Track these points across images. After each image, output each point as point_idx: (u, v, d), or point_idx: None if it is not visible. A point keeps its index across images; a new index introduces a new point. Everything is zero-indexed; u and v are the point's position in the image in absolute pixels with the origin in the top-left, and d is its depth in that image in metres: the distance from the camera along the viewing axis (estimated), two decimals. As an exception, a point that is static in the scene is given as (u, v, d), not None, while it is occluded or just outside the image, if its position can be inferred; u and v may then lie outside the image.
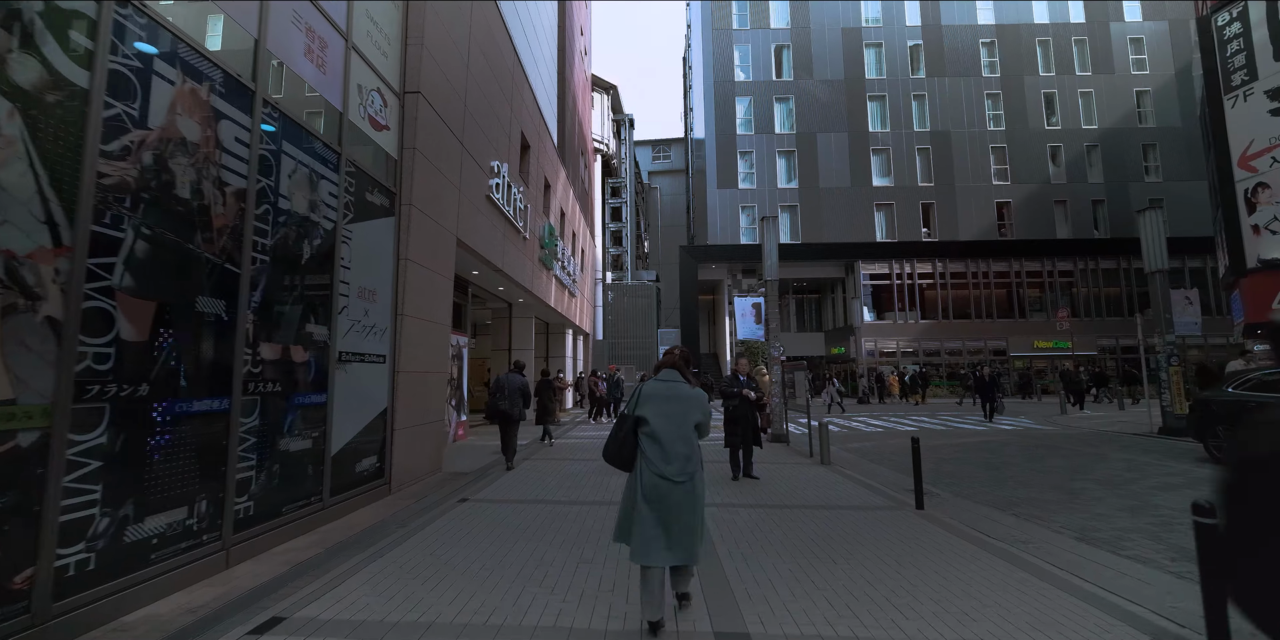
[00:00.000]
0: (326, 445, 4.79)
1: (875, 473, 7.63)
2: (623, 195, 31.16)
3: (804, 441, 10.18)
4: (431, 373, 6.99)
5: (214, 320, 3.58)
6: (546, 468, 7.76)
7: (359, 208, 5.48)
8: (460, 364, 10.77)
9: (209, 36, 3.75)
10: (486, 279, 11.05)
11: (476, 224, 8.75)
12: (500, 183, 9.66)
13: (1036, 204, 28.34)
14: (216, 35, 3.84)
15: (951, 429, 12.97)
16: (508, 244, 10.54)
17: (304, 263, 4.56)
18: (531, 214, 12.40)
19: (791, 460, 8.63)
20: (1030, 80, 29.01)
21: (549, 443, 9.91)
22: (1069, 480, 6.94)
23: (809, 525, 4.82)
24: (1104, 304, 27.53)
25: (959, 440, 10.89)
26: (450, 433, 10.19)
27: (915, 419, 15.51)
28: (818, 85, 29.24)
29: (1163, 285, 11.50)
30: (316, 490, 4.67)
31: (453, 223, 7.67)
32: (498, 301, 14.02)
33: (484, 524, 4.82)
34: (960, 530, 4.66)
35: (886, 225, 28.64)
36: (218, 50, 3.70)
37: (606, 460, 2.98)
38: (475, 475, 7.16)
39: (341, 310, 5.09)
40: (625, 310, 28.82)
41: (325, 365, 4.83)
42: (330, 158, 4.99)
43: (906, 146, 28.76)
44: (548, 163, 14.50)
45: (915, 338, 27.40)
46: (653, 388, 2.99)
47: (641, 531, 2.75)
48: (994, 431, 12.37)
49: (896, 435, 11.95)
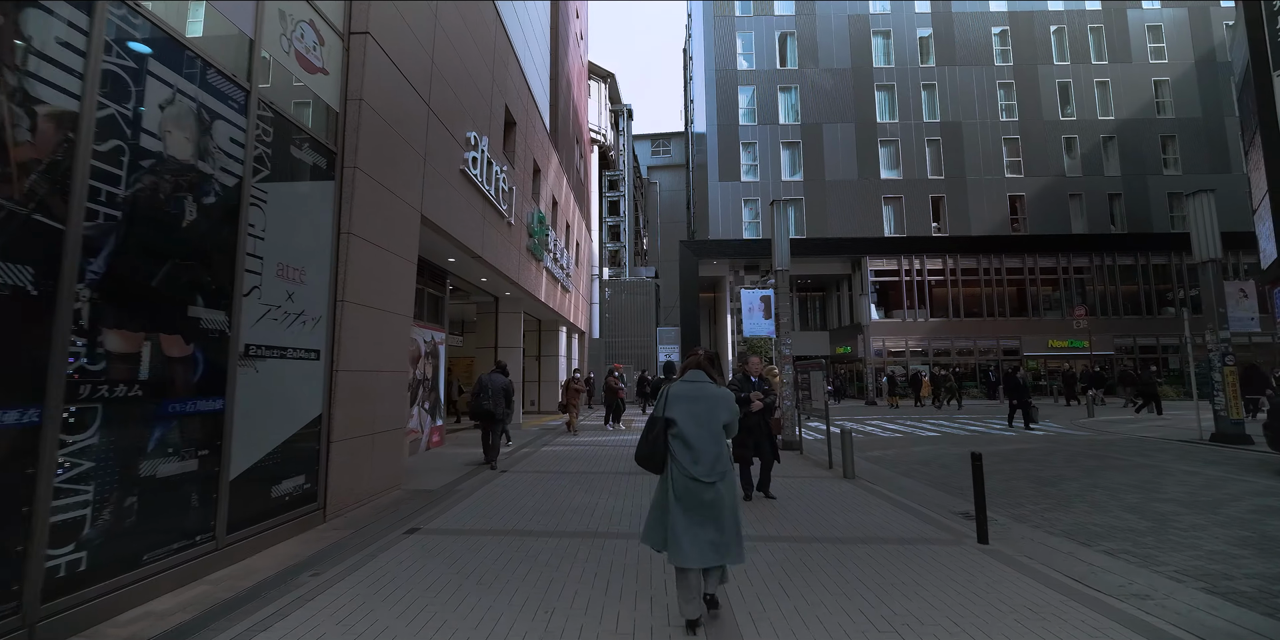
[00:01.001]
0: (222, 466, 3.68)
1: (909, 489, 6.52)
2: (620, 188, 30.05)
3: (820, 449, 9.08)
4: (386, 372, 5.88)
5: (10, 296, 2.47)
6: (524, 482, 6.64)
7: (280, 164, 4.36)
8: (436, 362, 9.67)
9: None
10: (466, 268, 9.94)
11: (448, 201, 7.64)
12: (479, 157, 8.55)
13: (1051, 198, 27.25)
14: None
15: (976, 435, 11.86)
16: (489, 228, 9.43)
17: (186, 225, 3.45)
18: (518, 198, 11.30)
19: (808, 472, 7.53)
20: (1044, 70, 27.93)
21: (508, 444, 8.79)
22: (1146, 500, 5.83)
23: (849, 569, 3.71)
24: (1121, 302, 26.43)
25: (992, 448, 9.79)
26: (423, 440, 9.08)
27: (935, 423, 14.41)
28: (823, 74, 28.14)
29: (1216, 277, 10.39)
30: (204, 526, 3.55)
31: (415, 196, 6.56)
32: (482, 295, 12.91)
33: (429, 567, 3.71)
34: (1047, 577, 3.56)
35: (895, 220, 27.55)
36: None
37: (639, 462, 2.95)
38: (440, 493, 6.04)
39: (250, 291, 3.98)
40: (623, 308, 27.72)
41: (223, 362, 3.71)
42: (235, 95, 3.88)
43: (916, 138, 27.66)
44: (537, 146, 13.39)
45: (924, 336, 26.30)
46: (680, 389, 2.98)
47: (678, 534, 2.74)
48: (1024, 438, 11.26)
49: (919, 441, 10.84)
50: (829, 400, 17.51)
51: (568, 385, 12.26)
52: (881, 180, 27.57)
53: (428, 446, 9.27)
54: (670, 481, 2.86)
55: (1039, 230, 27.00)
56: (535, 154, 13.03)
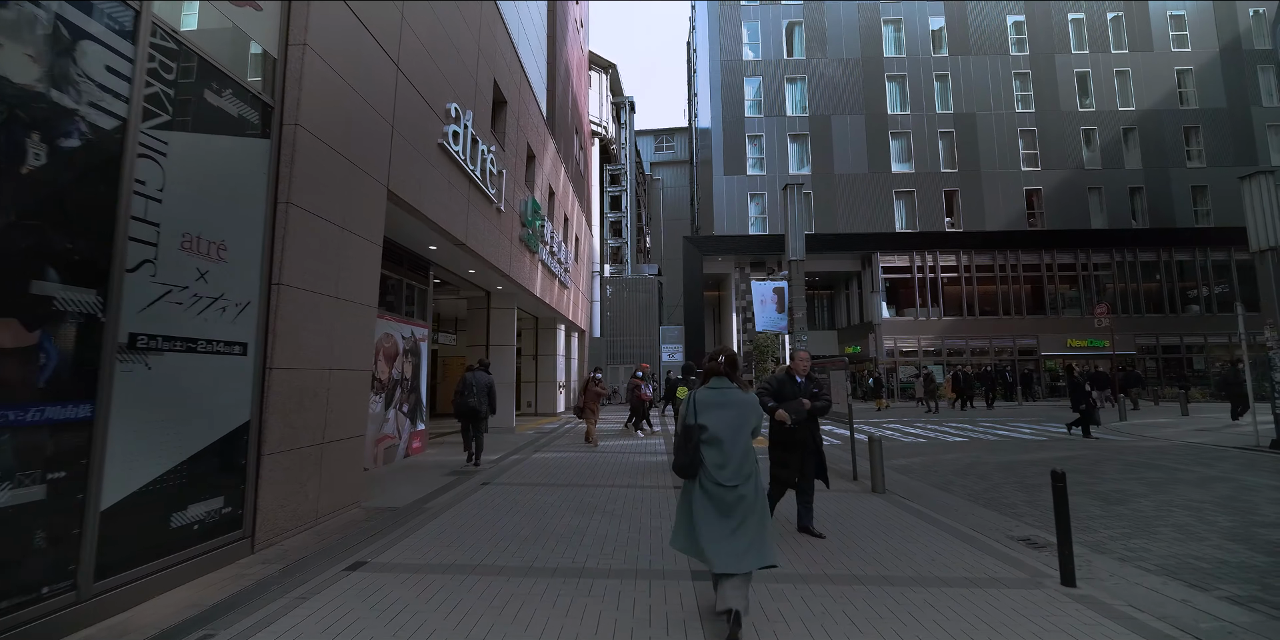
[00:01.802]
0: (89, 492, 2.81)
1: (951, 507, 5.62)
2: (622, 183, 29.17)
3: (839, 457, 8.18)
4: (341, 370, 5.02)
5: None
6: (505, 498, 5.77)
7: (190, 110, 3.50)
8: (418, 360, 8.81)
9: None
10: (451, 258, 9.08)
11: (423, 178, 6.77)
12: (461, 133, 7.69)
13: (1069, 191, 26.24)
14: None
15: (1006, 439, 10.93)
16: (475, 213, 8.57)
17: (29, 173, 2.59)
18: (510, 184, 10.44)
19: (831, 485, 6.64)
20: (1062, 59, 26.92)
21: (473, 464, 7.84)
22: (1245, 525, 4.89)
23: (908, 626, 2.81)
24: (1143, 299, 25.39)
25: (1032, 457, 8.87)
26: (400, 446, 8.21)
27: (958, 427, 13.47)
28: (832, 65, 27.21)
29: (1276, 267, 9.42)
30: (57, 574, 2.68)
31: (380, 168, 5.70)
32: (473, 289, 12.05)
33: (359, 626, 2.84)
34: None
35: (907, 214, 26.59)
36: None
37: (677, 472, 2.92)
38: (405, 512, 5.17)
39: (138, 266, 3.11)
40: (625, 306, 26.83)
41: (92, 356, 2.85)
42: (117, 13, 3.02)
43: (928, 130, 26.70)
44: (532, 130, 12.54)
45: (938, 336, 25.33)
46: (706, 396, 2.99)
47: (707, 539, 2.76)
48: (1063, 444, 10.32)
49: (948, 448, 9.92)
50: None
51: (586, 387, 10.19)
52: (893, 174, 26.62)
53: (407, 453, 8.41)
54: (700, 488, 2.86)
55: (1057, 225, 26.00)
56: (529, 138, 12.17)
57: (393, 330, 7.92)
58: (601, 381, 10.39)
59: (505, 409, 12.32)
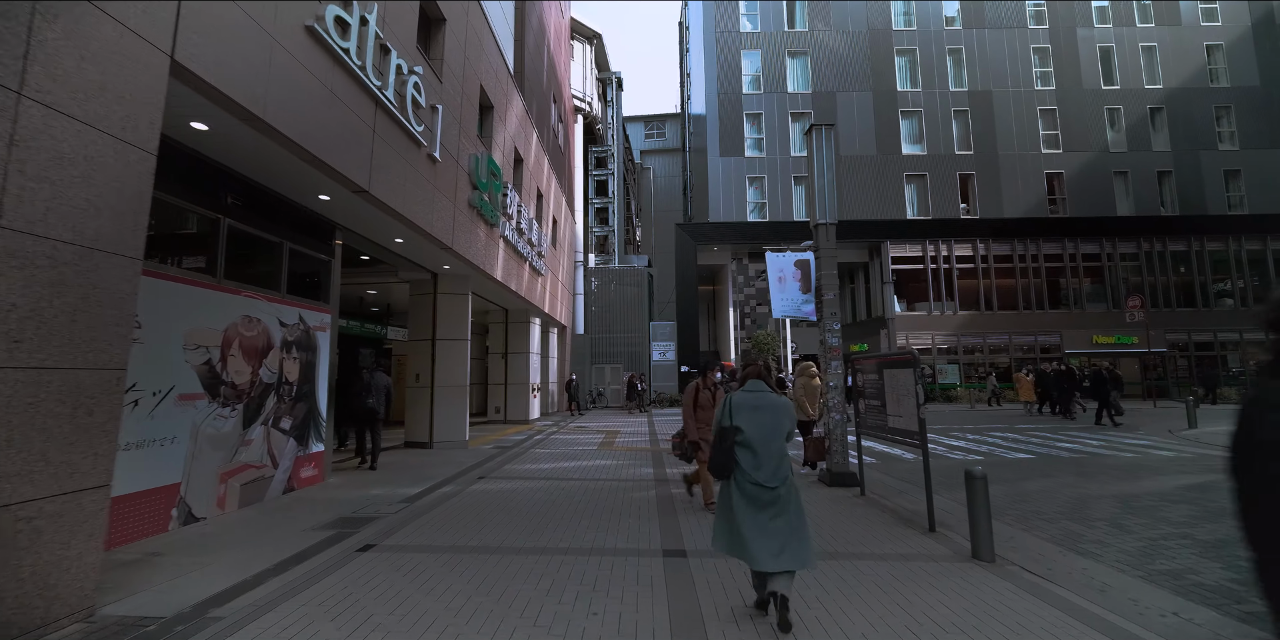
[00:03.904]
0: None
1: (1120, 590, 3.31)
2: (609, 166, 26.78)
3: (884, 482, 5.90)
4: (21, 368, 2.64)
5: None
6: (383, 582, 3.40)
7: None
8: (312, 357, 6.43)
9: None
10: (358, 215, 6.71)
11: (269, 62, 4.40)
12: (353, 24, 5.32)
13: (1093, 176, 24.21)
14: None
15: (1079, 454, 8.70)
16: (385, 150, 6.21)
17: None
18: (451, 127, 8.09)
19: (889, 537, 4.36)
20: (1084, 33, 24.91)
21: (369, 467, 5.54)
22: None
23: None
24: (1173, 292, 23.40)
25: (1147, 485, 6.64)
26: (276, 479, 5.82)
27: (1005, 438, 11.24)
28: (837, 37, 25.02)
29: None
30: None
31: (149, 24, 3.33)
32: (414, 270, 9.67)
33: None
34: None
35: (918, 200, 24.44)
36: None
37: (712, 473, 3.02)
38: (170, 624, 2.80)
39: None
40: (612, 300, 24.44)
41: None
42: None
43: (941, 109, 24.58)
44: (489, 72, 10.17)
45: (953, 332, 23.20)
46: (741, 398, 3.04)
47: (746, 539, 2.81)
48: (1157, 463, 8.11)
49: (1019, 470, 7.63)
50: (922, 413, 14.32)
51: (695, 397, 5.37)
52: (903, 156, 24.47)
53: (290, 487, 6.01)
54: (736, 487, 2.93)
55: (1080, 212, 23.97)
56: (485, 81, 9.79)
57: (260, 312, 5.54)
58: (641, 375, 8.22)
59: (456, 420, 9.95)
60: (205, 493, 4.80)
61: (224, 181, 5.14)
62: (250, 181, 5.40)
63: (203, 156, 4.84)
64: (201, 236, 5.06)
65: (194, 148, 4.70)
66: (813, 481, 6.83)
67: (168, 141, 4.05)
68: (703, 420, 5.28)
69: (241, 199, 5.37)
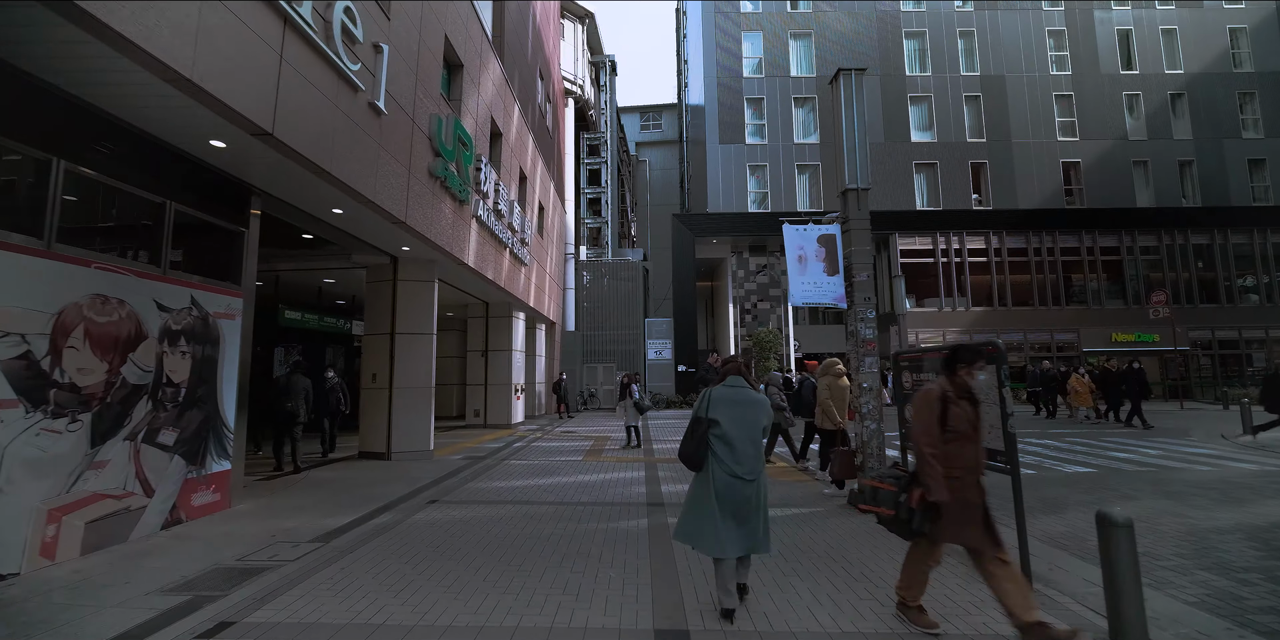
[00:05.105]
0: None
1: None
2: (602, 154, 25.41)
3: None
4: None
5: None
6: None
7: None
8: (212, 351, 5.07)
9: None
10: (283, 177, 5.36)
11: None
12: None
13: (1111, 165, 23.01)
14: None
15: (1158, 468, 7.41)
16: (302, 86, 4.86)
17: None
18: (404, 79, 6.75)
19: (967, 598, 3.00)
20: (1101, 15, 23.70)
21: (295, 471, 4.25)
22: None
23: None
24: (1195, 287, 22.21)
25: (1264, 510, 5.36)
26: (153, 510, 4.46)
27: (1044, 445, 9.96)
28: (842, 18, 23.72)
29: None
30: None
31: None
32: (370, 253, 8.31)
33: None
34: None
35: (928, 190, 23.19)
36: None
37: (682, 460, 3.09)
38: None
39: None
40: (605, 295, 23.10)
41: None
42: None
43: (952, 94, 23.32)
44: (458, 27, 8.82)
45: (965, 329, 21.93)
46: (721, 393, 3.10)
47: (715, 527, 2.91)
48: (1253, 476, 6.83)
49: (1085, 486, 6.32)
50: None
51: (940, 415, 2.93)
52: (912, 144, 23.20)
53: (172, 521, 4.63)
54: (711, 479, 2.99)
55: (1098, 203, 22.75)
56: (450, 32, 8.43)
57: (124, 292, 4.18)
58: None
59: (418, 426, 8.60)
60: (11, 540, 3.44)
61: (73, 114, 3.79)
62: (109, 116, 4.04)
63: (27, 75, 3.48)
64: (22, 185, 3.70)
65: (9, 60, 3.36)
66: (841, 505, 5.53)
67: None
68: (957, 460, 2.84)
69: (97, 139, 4.02)
